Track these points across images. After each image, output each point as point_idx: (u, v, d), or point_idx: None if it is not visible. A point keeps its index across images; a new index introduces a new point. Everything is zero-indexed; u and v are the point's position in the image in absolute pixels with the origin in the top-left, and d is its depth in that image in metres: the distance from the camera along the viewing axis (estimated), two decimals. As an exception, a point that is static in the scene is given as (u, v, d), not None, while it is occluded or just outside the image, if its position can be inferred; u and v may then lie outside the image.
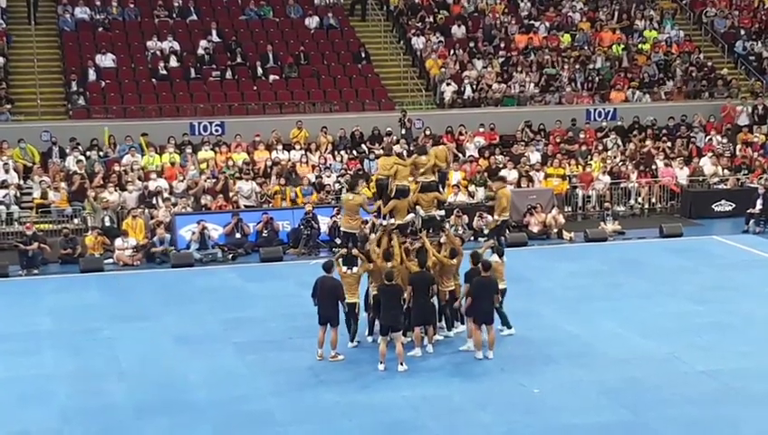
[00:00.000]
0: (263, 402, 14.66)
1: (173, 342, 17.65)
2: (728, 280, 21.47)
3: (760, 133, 32.63)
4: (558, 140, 31.41)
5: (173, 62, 32.32)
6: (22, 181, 27.34)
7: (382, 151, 21.58)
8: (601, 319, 18.55)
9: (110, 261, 23.98)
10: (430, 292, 16.63)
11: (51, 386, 15.45)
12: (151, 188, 26.61)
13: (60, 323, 18.99)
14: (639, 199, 29.29)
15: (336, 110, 32.07)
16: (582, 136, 31.68)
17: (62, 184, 26.61)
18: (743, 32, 37.33)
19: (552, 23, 36.52)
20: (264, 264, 23.96)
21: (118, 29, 33.58)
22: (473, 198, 27.69)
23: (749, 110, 33.46)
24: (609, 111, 33.32)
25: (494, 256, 17.11)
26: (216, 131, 30.47)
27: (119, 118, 30.37)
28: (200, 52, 32.81)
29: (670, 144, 31.41)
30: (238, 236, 25.06)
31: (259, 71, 32.51)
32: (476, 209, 26.38)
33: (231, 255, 24.56)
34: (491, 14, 36.41)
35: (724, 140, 32.23)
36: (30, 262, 23.43)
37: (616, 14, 37.46)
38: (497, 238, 17.96)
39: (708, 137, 32.42)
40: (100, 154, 28.54)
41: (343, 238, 18.07)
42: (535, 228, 26.34)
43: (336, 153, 29.84)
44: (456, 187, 27.18)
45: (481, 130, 31.58)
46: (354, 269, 16.75)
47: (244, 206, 26.70)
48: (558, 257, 24.12)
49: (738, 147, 31.83)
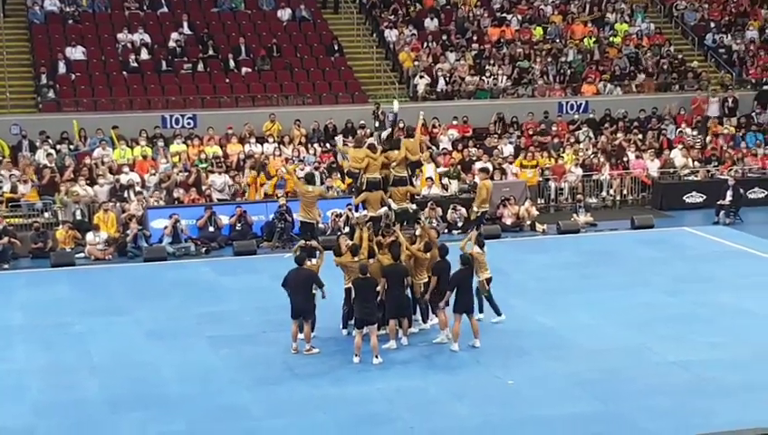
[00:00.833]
0: (237, 396, 14.63)
1: (146, 336, 17.57)
2: (699, 271, 21.65)
3: (730, 125, 32.93)
4: (531, 133, 31.52)
5: (144, 55, 32.11)
6: (-9, 175, 27.08)
7: (353, 144, 21.57)
8: (575, 311, 18.65)
9: (82, 255, 23.82)
10: (404, 284, 16.67)
11: (23, 381, 15.34)
12: (123, 181, 26.44)
13: (31, 318, 18.85)
14: (611, 191, 29.46)
15: (309, 103, 32.00)
16: (555, 129, 31.82)
17: (33, 178, 26.39)
18: (713, 24, 37.61)
19: (525, 15, 36.62)
20: (238, 257, 23.87)
21: (88, 21, 33.30)
22: (447, 190, 27.74)
23: (719, 102, 33.74)
24: (580, 104, 33.47)
25: (475, 247, 17.21)
26: (188, 124, 30.32)
27: (89, 111, 30.13)
28: (171, 44, 32.61)
29: (641, 136, 31.62)
30: (211, 229, 24.95)
31: (231, 63, 32.37)
32: (450, 202, 26.44)
33: (204, 248, 24.46)
34: (464, 7, 36.46)
35: (694, 132, 32.49)
36: (0, 256, 23.23)
37: (587, 6, 37.61)
38: (477, 229, 18.03)
39: (679, 129, 32.65)
40: (71, 148, 28.32)
41: (301, 229, 18.11)
42: (508, 220, 26.43)
43: (309, 146, 29.78)
44: (430, 180, 27.21)
45: (454, 122, 31.64)
46: (313, 260, 16.75)
47: (217, 199, 26.58)
48: (531, 249, 24.22)
49: (708, 138, 32.10)
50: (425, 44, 34.37)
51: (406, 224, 17.55)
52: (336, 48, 33.77)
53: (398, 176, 17.46)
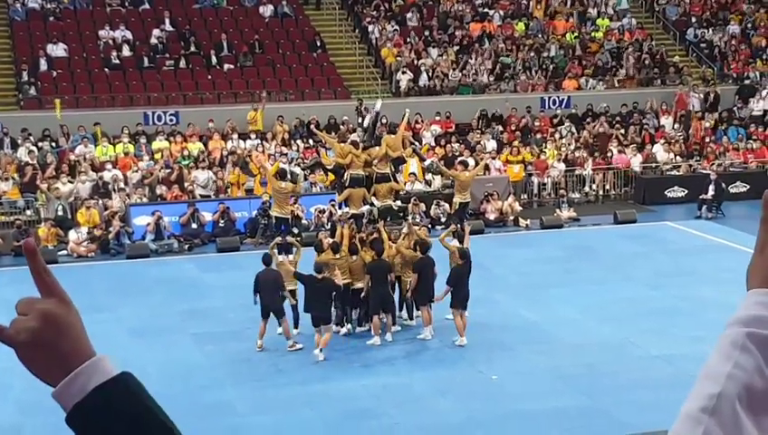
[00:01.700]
0: (223, 393, 14.62)
1: (129, 334, 17.52)
2: (682, 265, 21.76)
3: (712, 120, 33.07)
4: (513, 128, 31.57)
5: (126, 52, 31.99)
6: (-28, 173, 26.93)
7: (337, 139, 21.57)
8: (558, 305, 18.72)
9: (64, 253, 23.73)
10: (388, 280, 16.68)
11: (5, 380, 15.25)
12: (105, 178, 26.35)
13: (13, 316, 18.70)
14: (594, 186, 29.57)
15: (292, 99, 31.95)
16: (537, 124, 31.89)
17: (14, 175, 26.26)
18: (694, 19, 37.75)
19: (507, 11, 36.67)
20: (221, 254, 23.83)
21: (69, 18, 33.13)
22: (430, 186, 27.77)
23: (701, 96, 33.88)
24: (563, 99, 33.54)
25: (454, 241, 17.28)
26: (171, 121, 30.22)
27: (71, 108, 29.96)
28: (153, 41, 32.49)
29: (623, 131, 31.72)
30: (194, 226, 24.91)
31: (213, 60, 32.28)
32: (434, 197, 26.47)
33: (187, 245, 24.41)
34: (446, 2, 36.47)
35: (676, 126, 32.62)
36: (-18, 255, 23.15)
37: (569, 1, 37.71)
38: (461, 222, 18.11)
39: (661, 124, 32.78)
40: (53, 145, 28.19)
41: (275, 225, 18.14)
42: (492, 216, 26.49)
43: (292, 142, 29.73)
44: (413, 175, 27.23)
45: (437, 118, 31.66)
46: (290, 257, 16.75)
47: (200, 195, 26.52)
48: (514, 244, 24.28)
49: (690, 133, 32.24)
50: (407, 40, 34.38)
51: (389, 220, 17.57)
52: (318, 44, 33.73)
53: (380, 173, 17.49)
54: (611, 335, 16.95)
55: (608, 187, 29.75)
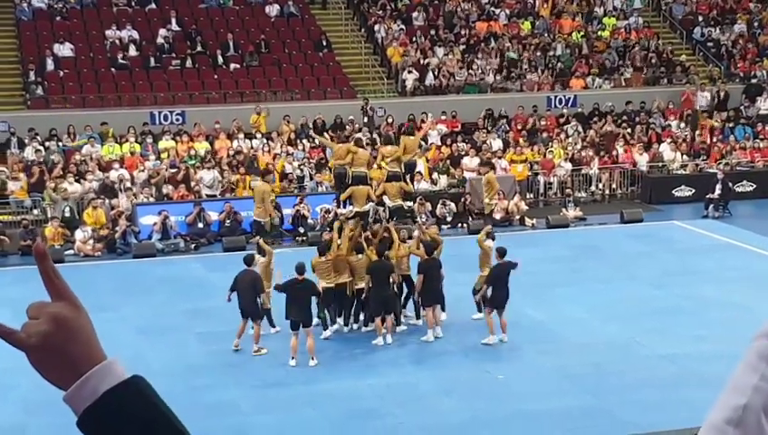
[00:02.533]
0: (227, 392, 14.63)
1: (135, 332, 17.55)
2: (687, 265, 21.71)
3: (719, 119, 32.99)
4: (519, 127, 31.54)
5: (132, 51, 32.02)
6: (-21, 173, 27.00)
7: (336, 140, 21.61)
8: (564, 305, 18.70)
9: (71, 252, 23.77)
10: (390, 281, 16.61)
11: (11, 380, 15.28)
12: (112, 178, 26.40)
13: (20, 316, 18.29)
14: (600, 186, 29.51)
15: (297, 98, 31.95)
16: (543, 123, 31.84)
17: (21, 175, 26.32)
18: (701, 18, 37.65)
19: (513, 10, 36.63)
20: (227, 253, 23.80)
21: (76, 18, 33.19)
22: (436, 185, 27.76)
23: (708, 95, 33.82)
24: (569, 98, 33.49)
25: (488, 241, 17.38)
26: (177, 120, 30.25)
27: (77, 108, 30.03)
28: (160, 40, 32.52)
29: (630, 130, 31.66)
30: (200, 225, 24.94)
31: (219, 59, 32.29)
32: (440, 197, 26.46)
33: (193, 244, 24.44)
34: (452, 1, 36.44)
35: (682, 125, 32.56)
36: (-11, 254, 23.22)
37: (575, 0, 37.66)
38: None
39: (667, 123, 32.72)
40: (60, 144, 28.25)
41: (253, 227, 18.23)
42: (498, 215, 26.42)
43: (298, 142, 29.74)
44: (419, 174, 27.21)
45: (443, 117, 31.63)
46: (262, 259, 16.79)
47: (206, 195, 26.54)
48: (520, 244, 24.13)
49: (697, 132, 32.17)
50: (413, 39, 34.36)
51: (396, 220, 17.55)
52: (324, 43, 33.73)
53: (392, 172, 17.42)
54: (618, 335, 16.92)
55: (614, 186, 29.70)
